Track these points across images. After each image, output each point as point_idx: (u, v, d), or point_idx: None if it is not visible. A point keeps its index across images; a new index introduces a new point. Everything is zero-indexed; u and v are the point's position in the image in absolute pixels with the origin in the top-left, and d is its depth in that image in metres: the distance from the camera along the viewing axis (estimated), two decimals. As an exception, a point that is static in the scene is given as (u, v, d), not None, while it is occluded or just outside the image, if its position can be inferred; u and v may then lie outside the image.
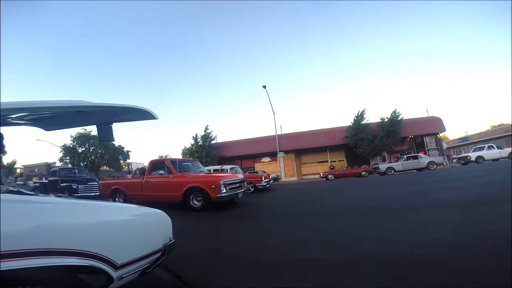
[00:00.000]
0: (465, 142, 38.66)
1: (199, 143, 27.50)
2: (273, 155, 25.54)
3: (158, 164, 7.43)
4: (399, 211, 4.54)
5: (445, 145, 35.60)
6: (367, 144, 23.37)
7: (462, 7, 73.18)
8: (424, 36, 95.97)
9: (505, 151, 17.95)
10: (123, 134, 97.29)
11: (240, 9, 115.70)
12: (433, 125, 24.30)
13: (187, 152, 28.37)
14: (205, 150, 26.82)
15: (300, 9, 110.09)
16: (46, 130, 2.61)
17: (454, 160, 21.99)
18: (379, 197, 6.88)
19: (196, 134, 27.77)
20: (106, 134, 2.51)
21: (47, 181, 12.58)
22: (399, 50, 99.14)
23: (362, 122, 24.31)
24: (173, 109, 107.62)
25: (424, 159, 18.19)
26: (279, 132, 25.93)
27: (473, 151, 19.32)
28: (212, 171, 11.48)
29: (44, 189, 12.64)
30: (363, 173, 19.13)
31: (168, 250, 1.83)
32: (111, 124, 2.48)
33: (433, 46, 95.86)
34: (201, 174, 7.07)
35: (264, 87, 20.61)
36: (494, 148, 18.11)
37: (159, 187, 6.95)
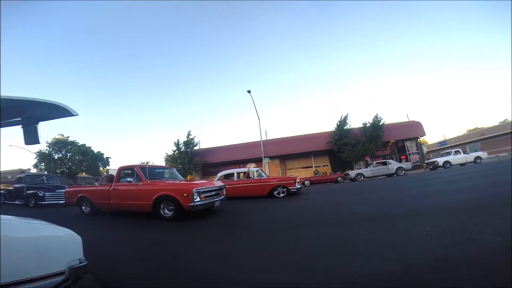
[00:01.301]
0: (444, 146, 39.96)
1: (181, 149, 26.80)
2: (258, 161, 25.23)
3: (127, 171, 6.94)
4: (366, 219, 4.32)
5: (425, 149, 36.69)
6: (351, 149, 23.58)
7: (444, 8, 76.45)
8: (405, 40, 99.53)
9: (471, 156, 18.93)
10: (105, 140, 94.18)
11: (224, 13, 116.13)
12: (414, 129, 24.91)
13: (170, 159, 27.50)
14: (187, 156, 26.17)
15: (282, 16, 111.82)
16: None
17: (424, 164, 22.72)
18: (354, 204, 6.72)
19: (178, 140, 27.03)
20: (31, 136, 2.19)
21: (12, 188, 11.70)
22: (381, 55, 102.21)
23: (345, 127, 24.58)
24: (156, 115, 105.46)
25: (392, 165, 18.79)
26: (264, 138, 25.73)
27: (441, 156, 20.08)
28: (236, 174, 11.09)
29: (10, 196, 11.77)
30: (339, 179, 19.53)
31: (75, 273, 1.61)
32: (37, 124, 2.15)
33: (414, 50, 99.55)
34: (173, 182, 6.61)
35: (249, 91, 20.37)
36: (460, 153, 18.95)
37: (127, 195, 6.45)
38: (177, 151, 26.97)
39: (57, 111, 1.85)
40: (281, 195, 9.97)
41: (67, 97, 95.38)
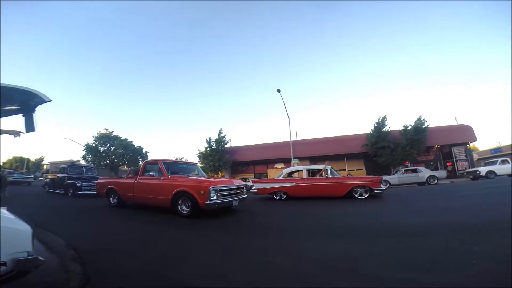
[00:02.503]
0: (498, 154, 35.43)
1: (212, 147, 27.32)
2: (287, 162, 24.75)
3: (152, 165, 7.05)
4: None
5: (475, 156, 32.91)
6: (389, 153, 21.93)
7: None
8: (450, 37, 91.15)
9: None
10: (145, 136, 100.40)
11: (257, 12, 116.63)
12: (463, 134, 22.38)
13: (202, 156, 28.23)
14: (218, 154, 26.57)
15: (318, 12, 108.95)
16: None
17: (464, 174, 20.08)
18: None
19: (210, 138, 27.63)
20: (29, 124, 2.22)
21: (56, 177, 12.72)
22: (425, 53, 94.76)
23: (383, 130, 22.87)
24: (190, 113, 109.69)
25: (423, 173, 17.14)
26: (294, 138, 25.15)
27: (485, 165, 17.87)
28: (305, 171, 10.07)
29: (53, 185, 12.82)
30: None
31: (20, 265, 1.57)
32: (33, 112, 2.16)
33: (462, 50, 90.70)
34: (192, 178, 6.53)
35: (278, 90, 19.97)
36: (508, 162, 16.48)
37: (149, 189, 6.56)
38: (208, 149, 27.55)
39: (34, 98, 1.79)
40: (364, 196, 8.89)
41: (109, 97, 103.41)
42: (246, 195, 7.10)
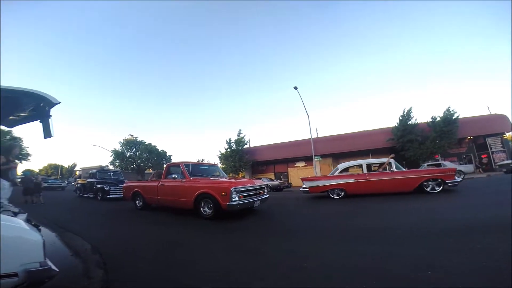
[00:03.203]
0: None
1: (232, 148, 27.46)
2: (308, 160, 24.30)
3: (174, 168, 7.12)
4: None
5: (514, 147, 30.33)
6: (417, 146, 20.79)
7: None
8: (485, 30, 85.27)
9: None
10: (169, 139, 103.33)
11: (272, 10, 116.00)
12: (497, 123, 20.69)
13: (222, 157, 28.48)
14: (238, 154, 26.65)
15: (335, 8, 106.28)
16: None
17: (497, 167, 18.34)
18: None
19: (230, 139, 27.78)
20: (46, 130, 2.21)
21: (86, 182, 13.33)
22: (450, 44, 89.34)
23: (409, 122, 21.72)
24: (211, 114, 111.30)
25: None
26: (314, 135, 24.64)
27: None
28: (365, 166, 9.21)
29: (83, 190, 13.45)
30: None
31: (32, 276, 1.51)
32: (49, 117, 2.13)
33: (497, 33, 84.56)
34: (214, 180, 6.51)
35: (295, 88, 19.62)
36: None
37: (172, 191, 6.64)
38: (229, 150, 27.73)
39: (43, 101, 1.75)
40: (436, 189, 8.04)
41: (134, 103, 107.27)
42: (267, 196, 6.98)
